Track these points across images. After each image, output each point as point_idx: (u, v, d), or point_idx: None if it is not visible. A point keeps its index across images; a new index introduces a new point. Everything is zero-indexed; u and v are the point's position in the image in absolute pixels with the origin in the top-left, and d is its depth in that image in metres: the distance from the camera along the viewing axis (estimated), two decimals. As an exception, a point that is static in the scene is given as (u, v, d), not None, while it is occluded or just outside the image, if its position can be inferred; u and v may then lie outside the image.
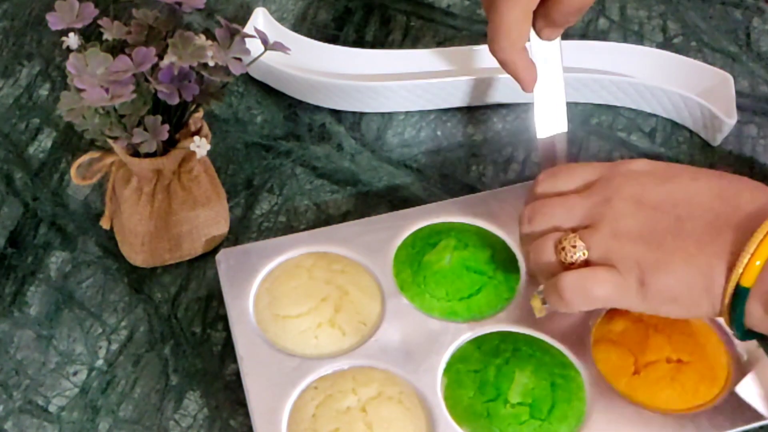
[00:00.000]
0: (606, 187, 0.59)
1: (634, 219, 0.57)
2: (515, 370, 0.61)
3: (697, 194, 0.57)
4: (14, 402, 0.66)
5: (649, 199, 0.57)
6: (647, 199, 0.57)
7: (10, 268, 0.73)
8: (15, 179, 0.79)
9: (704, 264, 0.54)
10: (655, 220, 0.56)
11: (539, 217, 0.61)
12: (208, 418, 0.65)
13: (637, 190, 0.58)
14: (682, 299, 0.55)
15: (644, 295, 0.56)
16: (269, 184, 0.78)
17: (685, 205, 0.56)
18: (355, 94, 0.82)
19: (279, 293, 0.66)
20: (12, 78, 0.87)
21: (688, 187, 0.57)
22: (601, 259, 0.57)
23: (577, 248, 0.58)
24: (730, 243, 0.54)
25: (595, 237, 0.58)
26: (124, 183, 0.69)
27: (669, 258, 0.55)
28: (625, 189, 0.58)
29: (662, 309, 0.57)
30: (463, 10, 0.93)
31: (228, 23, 0.63)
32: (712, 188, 0.57)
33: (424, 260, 0.68)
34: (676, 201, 0.57)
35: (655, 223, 0.56)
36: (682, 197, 0.57)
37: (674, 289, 0.55)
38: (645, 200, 0.57)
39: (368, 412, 0.60)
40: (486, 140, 0.82)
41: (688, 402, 0.61)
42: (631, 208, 0.57)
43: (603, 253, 0.57)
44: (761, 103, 0.84)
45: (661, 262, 0.55)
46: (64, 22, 0.63)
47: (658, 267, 0.55)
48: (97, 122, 0.63)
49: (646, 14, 0.92)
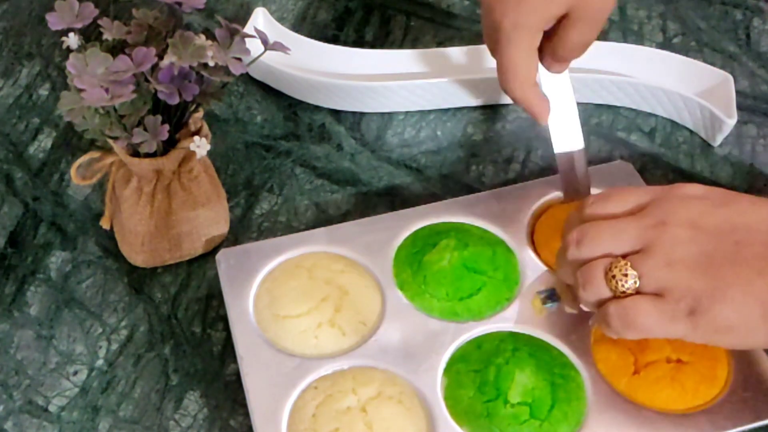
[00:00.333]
0: (660, 210, 0.56)
1: (690, 245, 0.54)
2: (515, 370, 0.61)
3: (756, 220, 0.55)
4: (14, 402, 0.66)
5: (707, 223, 0.55)
6: (704, 224, 0.55)
7: (10, 268, 0.73)
8: (15, 179, 0.79)
9: (763, 292, 0.52)
10: (712, 246, 0.54)
11: (588, 241, 0.58)
12: (208, 418, 0.65)
13: (694, 215, 0.55)
14: (737, 329, 0.53)
15: (695, 325, 0.54)
16: (269, 184, 0.78)
17: (744, 230, 0.54)
18: (355, 94, 0.82)
19: (279, 293, 0.66)
20: (12, 78, 0.87)
21: (747, 212, 0.55)
22: (653, 288, 0.55)
23: (629, 277, 0.55)
24: None
25: (648, 264, 0.55)
26: (124, 183, 0.69)
27: (726, 286, 0.53)
28: (681, 213, 0.56)
29: (715, 338, 0.55)
30: (463, 10, 0.93)
31: (228, 23, 0.63)
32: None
33: (424, 260, 0.68)
34: (734, 226, 0.54)
35: (712, 249, 0.54)
36: (740, 222, 0.55)
37: (730, 319, 0.53)
38: (702, 225, 0.55)
39: (368, 412, 0.60)
40: (486, 140, 0.82)
41: (688, 402, 0.61)
42: (688, 234, 0.55)
43: (655, 282, 0.55)
44: (761, 103, 0.84)
45: (717, 291, 0.53)
46: (64, 22, 0.63)
47: (714, 296, 0.53)
48: (97, 122, 0.63)
49: (646, 14, 0.92)
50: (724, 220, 0.55)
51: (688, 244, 0.54)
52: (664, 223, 0.55)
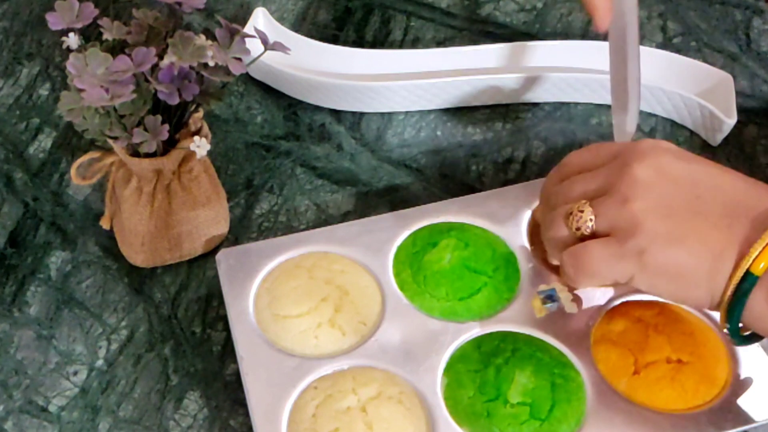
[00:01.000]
0: (628, 155, 0.56)
1: (650, 188, 0.54)
2: (515, 370, 0.61)
3: (720, 181, 0.55)
4: (14, 402, 0.66)
5: (671, 171, 0.55)
6: (669, 171, 0.55)
7: (10, 268, 0.73)
8: (15, 179, 0.79)
9: (716, 246, 0.53)
10: (673, 193, 0.54)
11: (556, 191, 0.59)
12: (208, 418, 0.65)
13: (661, 162, 0.55)
14: (684, 277, 0.54)
15: (644, 265, 0.54)
16: (269, 184, 0.78)
17: (707, 187, 0.54)
18: (355, 94, 0.82)
19: (279, 293, 0.66)
20: (12, 78, 0.87)
21: (713, 173, 0.55)
22: (607, 226, 0.55)
23: (585, 213, 0.55)
24: (746, 230, 0.52)
25: (605, 203, 0.55)
26: (124, 183, 0.69)
27: (680, 232, 0.53)
28: (648, 159, 0.56)
29: (660, 284, 0.55)
30: (463, 10, 0.93)
31: (228, 23, 0.63)
32: (736, 182, 0.55)
33: (424, 260, 0.68)
34: (698, 181, 0.55)
35: (672, 196, 0.54)
36: (705, 179, 0.55)
37: (681, 264, 0.53)
38: (666, 172, 0.55)
39: (368, 412, 0.60)
40: (486, 140, 0.82)
41: (688, 402, 0.61)
42: (650, 176, 0.55)
43: (608, 221, 0.55)
44: (761, 103, 0.84)
45: (671, 235, 0.53)
46: (64, 22, 0.63)
47: (669, 239, 0.53)
48: (97, 122, 0.63)
49: (646, 14, 0.92)
50: (690, 172, 0.55)
51: (648, 187, 0.54)
52: (628, 165, 0.55)
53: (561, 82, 0.82)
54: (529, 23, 0.91)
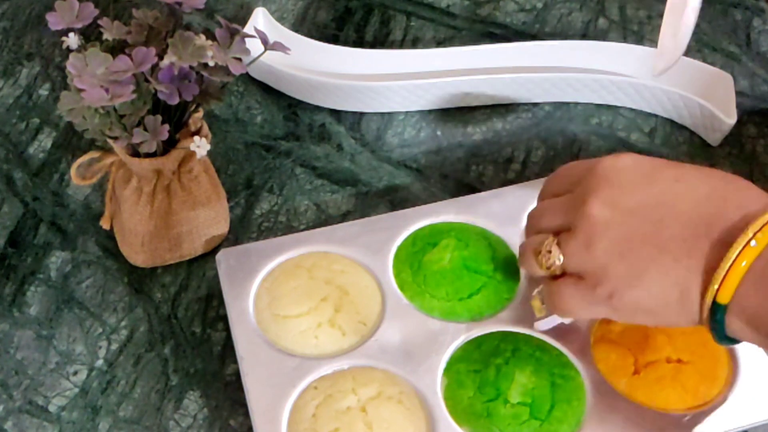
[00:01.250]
0: (584, 188, 0.56)
1: (608, 228, 0.54)
2: (515, 370, 0.61)
3: (679, 198, 0.53)
4: (14, 402, 0.66)
5: (626, 203, 0.54)
6: (624, 204, 0.54)
7: (10, 268, 0.73)
8: (15, 179, 0.79)
9: (680, 277, 0.52)
10: (631, 227, 0.53)
11: (530, 221, 0.60)
12: (208, 418, 0.65)
13: (615, 193, 0.54)
14: (656, 311, 0.53)
15: (615, 308, 0.54)
16: (269, 184, 0.78)
17: (666, 208, 0.53)
18: (355, 94, 0.82)
19: (279, 293, 0.66)
20: (12, 78, 0.87)
21: (671, 189, 0.54)
22: (575, 269, 0.55)
23: (552, 254, 0.56)
24: (707, 256, 0.51)
25: (570, 245, 0.55)
26: (124, 183, 0.69)
27: (642, 270, 0.53)
28: (602, 191, 0.55)
29: (637, 319, 0.55)
30: (463, 10, 0.93)
31: (228, 23, 0.63)
32: (697, 190, 0.53)
33: (424, 260, 0.68)
34: (656, 203, 0.53)
35: (630, 230, 0.53)
36: (663, 200, 0.53)
37: (647, 303, 0.53)
38: (621, 205, 0.54)
39: (368, 412, 0.60)
40: (486, 140, 0.82)
41: (688, 402, 0.61)
42: (606, 215, 0.54)
43: (576, 264, 0.55)
44: (761, 103, 0.84)
45: (633, 275, 0.53)
46: (64, 22, 0.63)
47: (630, 282, 0.53)
48: (97, 122, 0.63)
49: (646, 14, 0.92)
50: (647, 197, 0.54)
51: (606, 226, 0.54)
52: (585, 203, 0.55)
53: (561, 82, 0.82)
54: (529, 23, 0.91)
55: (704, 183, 0.53)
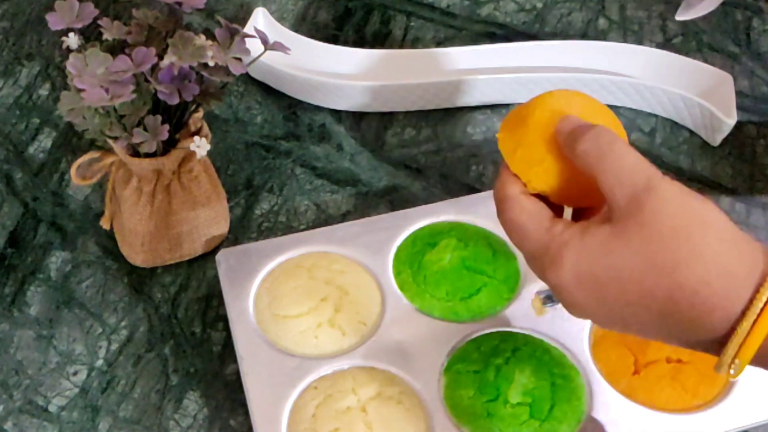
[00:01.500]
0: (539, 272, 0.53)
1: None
2: (515, 370, 0.61)
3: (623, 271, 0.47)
4: (14, 402, 0.66)
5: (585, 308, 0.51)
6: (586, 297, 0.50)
7: (10, 268, 0.73)
8: (15, 179, 0.79)
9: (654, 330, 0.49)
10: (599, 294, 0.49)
11: None
12: (208, 418, 0.65)
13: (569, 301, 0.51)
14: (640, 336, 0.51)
15: None
16: (269, 184, 0.78)
17: (624, 325, 0.49)
18: (355, 94, 0.82)
19: (279, 293, 0.66)
20: (12, 78, 0.87)
21: (621, 312, 0.49)
22: None
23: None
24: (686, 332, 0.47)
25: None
26: (124, 183, 0.69)
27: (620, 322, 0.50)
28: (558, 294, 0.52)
29: None
30: (463, 10, 0.93)
31: (228, 23, 0.63)
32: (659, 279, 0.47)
33: (424, 260, 0.68)
34: (609, 322, 0.50)
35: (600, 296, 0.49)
36: (616, 321, 0.50)
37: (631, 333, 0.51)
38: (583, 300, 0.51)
39: (368, 412, 0.60)
40: (486, 140, 0.82)
41: (688, 402, 0.61)
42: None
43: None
44: (761, 103, 0.84)
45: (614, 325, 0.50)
46: (64, 22, 0.63)
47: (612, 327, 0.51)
48: (97, 122, 0.63)
49: (646, 14, 0.92)
50: (598, 313, 0.50)
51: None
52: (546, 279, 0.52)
53: (561, 82, 0.82)
54: (529, 23, 0.91)
55: (654, 302, 0.48)
